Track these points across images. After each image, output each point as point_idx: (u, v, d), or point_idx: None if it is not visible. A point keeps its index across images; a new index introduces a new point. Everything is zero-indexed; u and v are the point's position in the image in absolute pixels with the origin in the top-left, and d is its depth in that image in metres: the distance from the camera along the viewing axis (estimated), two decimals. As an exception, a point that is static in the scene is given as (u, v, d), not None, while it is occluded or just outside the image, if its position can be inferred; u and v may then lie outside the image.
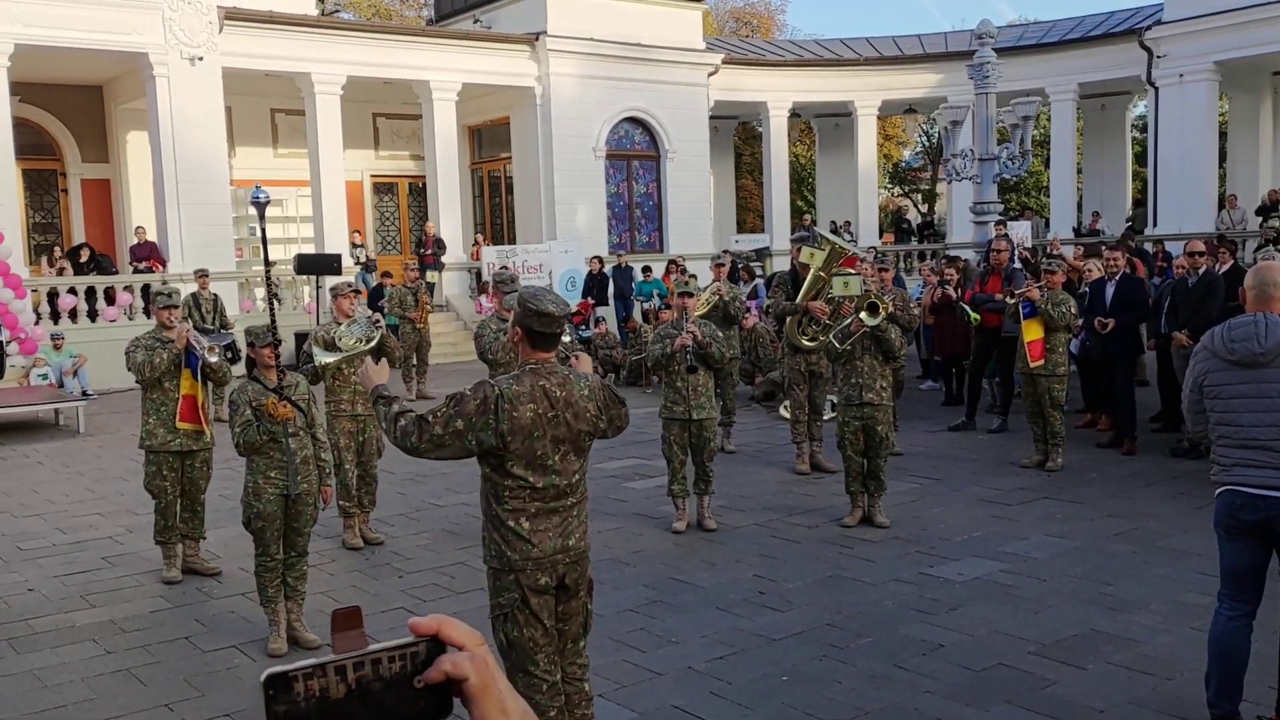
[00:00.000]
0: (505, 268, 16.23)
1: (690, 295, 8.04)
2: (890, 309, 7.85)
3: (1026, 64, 22.98)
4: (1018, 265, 11.60)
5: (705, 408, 7.73)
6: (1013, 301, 9.49)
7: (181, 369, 6.87)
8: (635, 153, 22.63)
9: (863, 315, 7.54)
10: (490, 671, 0.87)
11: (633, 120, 22.32)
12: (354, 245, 20.04)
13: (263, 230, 6.05)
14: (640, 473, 9.65)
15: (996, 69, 15.17)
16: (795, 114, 26.07)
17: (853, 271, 8.87)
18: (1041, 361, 9.22)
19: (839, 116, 26.59)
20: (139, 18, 16.60)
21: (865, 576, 6.55)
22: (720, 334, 8.04)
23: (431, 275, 18.55)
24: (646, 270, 19.03)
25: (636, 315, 18.31)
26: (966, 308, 11.07)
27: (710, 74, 23.04)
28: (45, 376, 14.61)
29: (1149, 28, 21.82)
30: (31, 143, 18.69)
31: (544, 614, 3.92)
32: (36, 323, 15.65)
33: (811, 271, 9.40)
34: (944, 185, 30.14)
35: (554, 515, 3.88)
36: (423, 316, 14.87)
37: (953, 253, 17.72)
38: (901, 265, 22.18)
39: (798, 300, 9.41)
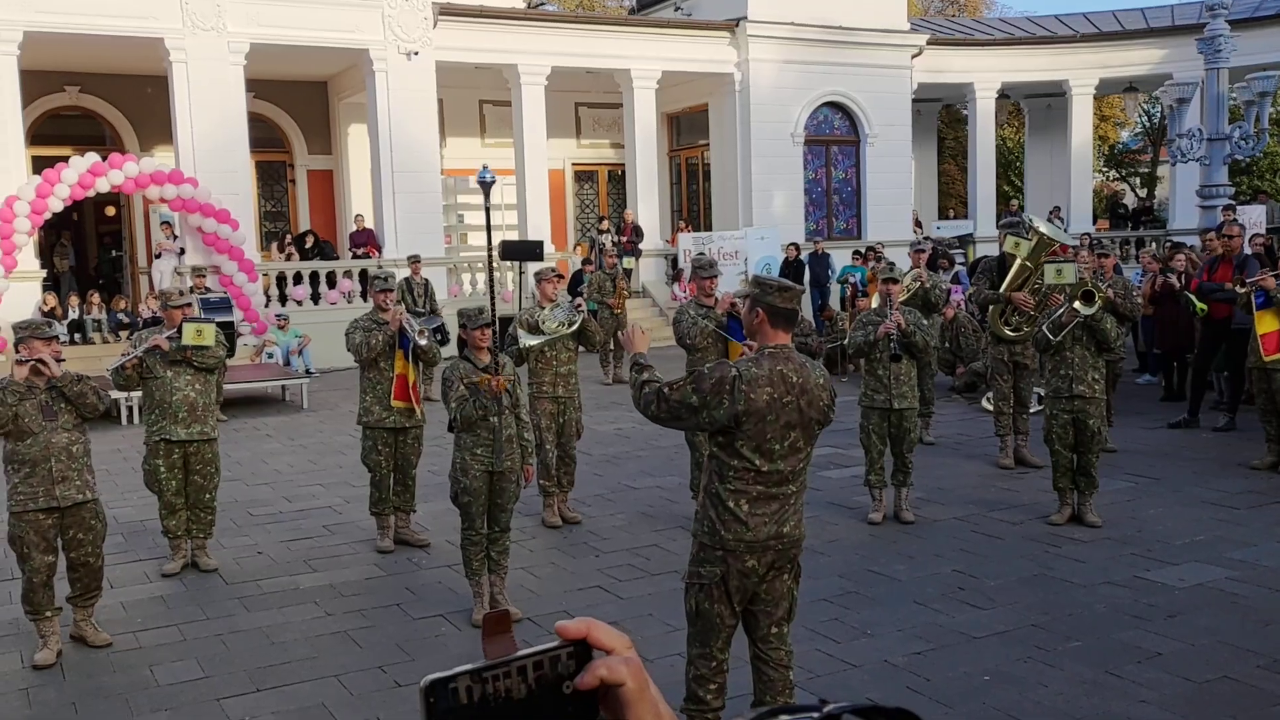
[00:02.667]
0: (702, 254, 16.30)
1: (895, 281, 7.85)
2: (1108, 296, 7.45)
3: (1264, 36, 21.29)
4: (1249, 252, 10.79)
5: (907, 397, 7.55)
6: (1244, 291, 8.84)
7: (395, 350, 7.22)
8: (834, 138, 22.26)
9: (1077, 304, 7.19)
10: (644, 676, 0.85)
11: (832, 105, 21.94)
12: (600, 232, 20.28)
13: (487, 209, 6.28)
14: (835, 461, 9.52)
15: (1229, 42, 14.13)
16: (1004, 95, 25.03)
17: (1067, 258, 8.45)
18: (1277, 355, 8.56)
19: (1051, 97, 25.36)
20: (361, 16, 17.51)
21: (1074, 577, 6.26)
22: (924, 322, 7.83)
23: (629, 262, 18.81)
24: (856, 255, 18.69)
25: (833, 303, 18.05)
26: (1192, 297, 10.39)
27: (914, 55, 22.39)
28: (271, 355, 15.67)
29: None
30: (264, 136, 20.01)
31: (737, 597, 3.97)
32: (266, 305, 16.77)
33: (1017, 261, 9.02)
34: (1166, 168, 28.32)
35: (774, 501, 3.92)
36: (620, 302, 15.12)
37: (1179, 239, 16.64)
38: (1118, 252, 20.99)
39: (1001, 290, 9.06)
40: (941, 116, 29.27)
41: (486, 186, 6.15)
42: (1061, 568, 6.45)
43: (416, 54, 17.88)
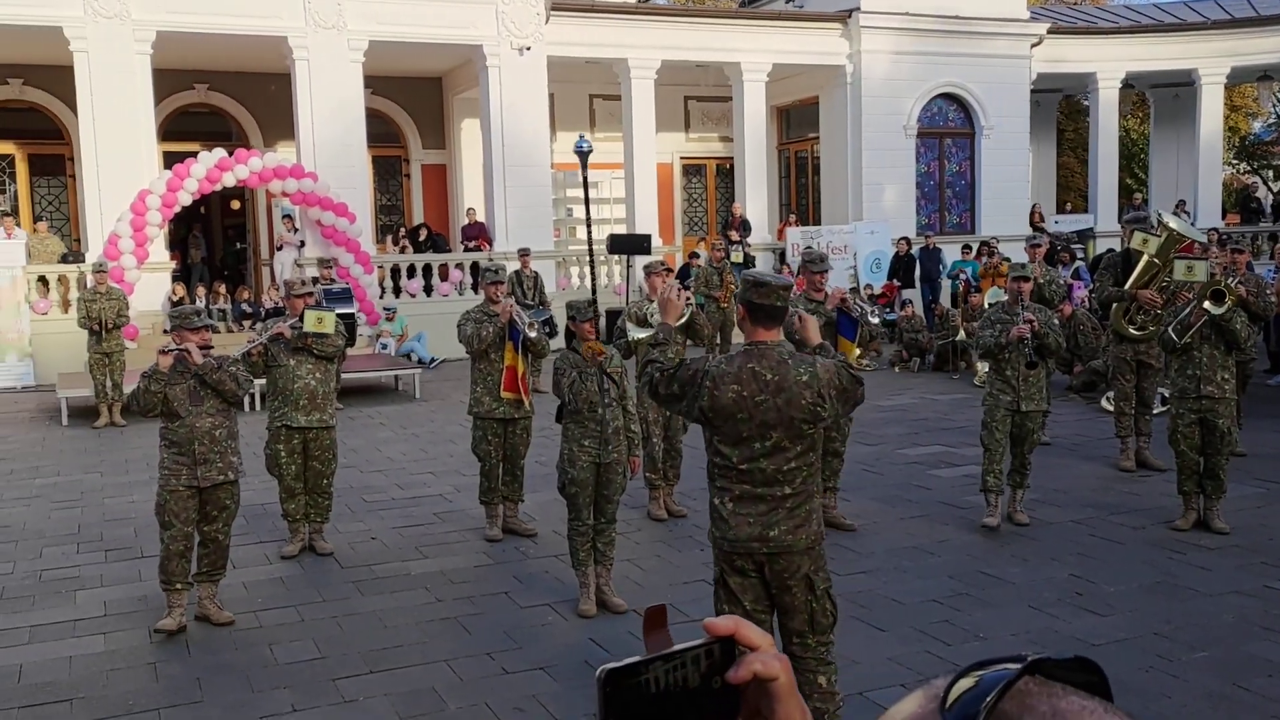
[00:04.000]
0: (811, 248, 16.13)
1: (1026, 280, 7.42)
2: (1240, 295, 7.12)
3: None
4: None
5: (1035, 399, 7.30)
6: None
7: (505, 342, 7.31)
8: (948, 130, 21.79)
9: (1206, 304, 6.89)
10: (792, 674, 0.87)
11: (947, 96, 21.48)
12: (731, 241, 19.07)
13: (585, 180, 6.29)
14: (946, 460, 9.33)
15: (1376, 26, 13.41)
16: (1128, 85, 24.16)
17: (1197, 255, 8.11)
18: None
19: (1179, 86, 24.37)
20: (475, 12, 17.79)
21: (1200, 585, 6.02)
22: (1055, 321, 7.54)
23: (736, 255, 18.68)
24: (966, 250, 18.29)
25: (944, 299, 17.67)
26: (1330, 296, 9.89)
27: (1033, 45, 21.77)
28: (385, 346, 16.06)
29: None
30: (380, 131, 20.49)
31: (745, 596, 3.95)
32: (380, 296, 17.18)
33: (1144, 258, 8.68)
34: (1303, 160, 26.97)
35: (759, 502, 3.86)
36: (727, 296, 15.05)
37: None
38: (1251, 248, 20.08)
39: (1126, 286, 8.74)
40: (1061, 107, 28.39)
41: (584, 156, 6.18)
42: (1186, 575, 6.21)
43: (528, 49, 18.08)
